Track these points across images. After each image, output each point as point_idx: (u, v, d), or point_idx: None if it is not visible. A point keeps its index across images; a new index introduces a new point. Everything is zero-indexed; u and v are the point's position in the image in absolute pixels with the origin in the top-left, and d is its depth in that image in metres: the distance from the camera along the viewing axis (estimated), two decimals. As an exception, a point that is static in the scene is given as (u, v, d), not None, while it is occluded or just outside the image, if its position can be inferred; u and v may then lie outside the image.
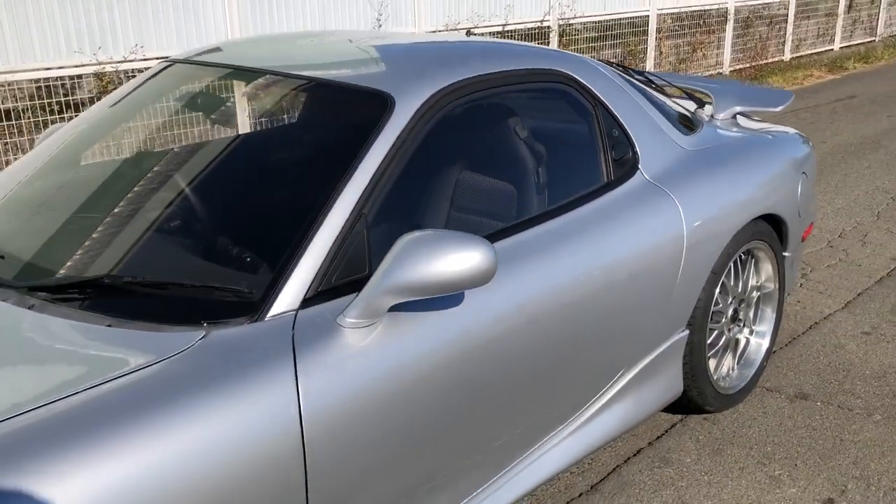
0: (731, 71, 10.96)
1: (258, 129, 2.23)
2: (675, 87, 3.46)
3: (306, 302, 1.73)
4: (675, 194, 2.54)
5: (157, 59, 6.00)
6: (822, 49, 13.02)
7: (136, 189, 2.14)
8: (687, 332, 2.67)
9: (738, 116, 3.38)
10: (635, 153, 2.58)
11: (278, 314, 1.69)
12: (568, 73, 2.49)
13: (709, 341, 2.82)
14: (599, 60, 2.85)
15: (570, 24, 8.91)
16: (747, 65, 11.17)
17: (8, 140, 5.50)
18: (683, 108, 3.14)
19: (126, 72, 5.83)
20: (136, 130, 2.55)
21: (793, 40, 12.27)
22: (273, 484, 1.56)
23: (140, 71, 5.92)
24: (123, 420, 1.43)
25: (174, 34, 6.12)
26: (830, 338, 3.55)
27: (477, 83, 2.21)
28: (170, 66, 2.56)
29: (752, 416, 2.97)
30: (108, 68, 5.72)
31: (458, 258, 1.70)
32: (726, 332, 2.96)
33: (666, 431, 2.88)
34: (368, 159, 1.90)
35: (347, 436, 1.67)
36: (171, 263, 1.88)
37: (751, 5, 11.48)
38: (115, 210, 2.06)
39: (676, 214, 2.51)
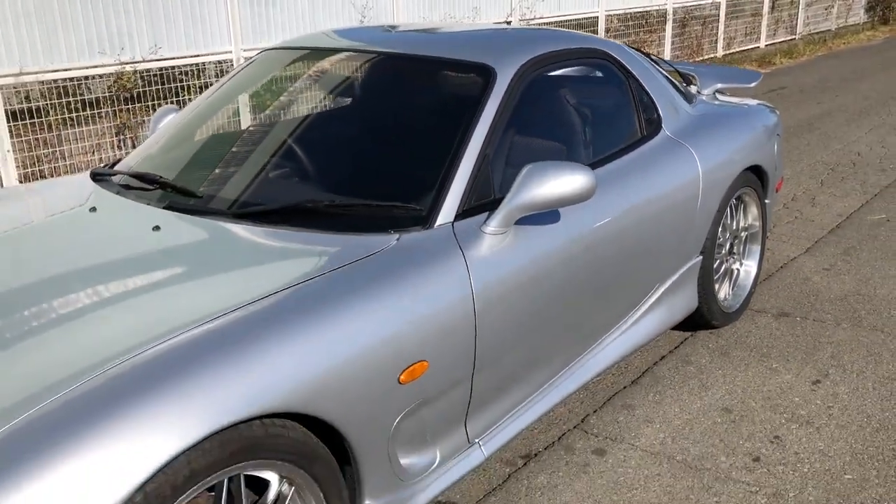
0: (672, 66, 11.85)
1: (390, 97, 2.81)
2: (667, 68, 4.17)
3: (457, 217, 2.34)
4: (691, 147, 3.24)
5: (173, 58, 6.49)
6: (751, 46, 14.10)
7: (311, 135, 2.73)
8: (700, 257, 3.36)
9: (716, 93, 4.10)
10: (659, 115, 3.27)
11: (441, 224, 2.30)
12: (607, 51, 3.17)
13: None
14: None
15: (529, 24, 9.63)
16: (685, 61, 12.10)
17: (38, 136, 5.91)
18: (679, 84, 3.85)
19: (141, 72, 6.29)
20: (278, 99, 3.12)
21: (724, 38, 13.28)
22: (452, 335, 2.16)
23: (159, 70, 6.39)
24: (359, 291, 2.01)
25: (183, 37, 6.59)
26: (798, 274, 4.31)
27: (547, 57, 2.86)
28: (279, 50, 3.15)
29: (747, 330, 3.69)
30: (128, 68, 6.17)
31: (568, 180, 2.34)
32: (725, 262, 3.66)
33: (682, 342, 3.57)
34: (485, 114, 2.53)
35: (497, 308, 2.29)
36: (358, 191, 2.46)
37: (687, 6, 12.43)
38: (297, 153, 2.64)
39: (694, 162, 3.20)
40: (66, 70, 5.87)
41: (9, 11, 5.54)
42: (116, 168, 2.96)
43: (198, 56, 6.74)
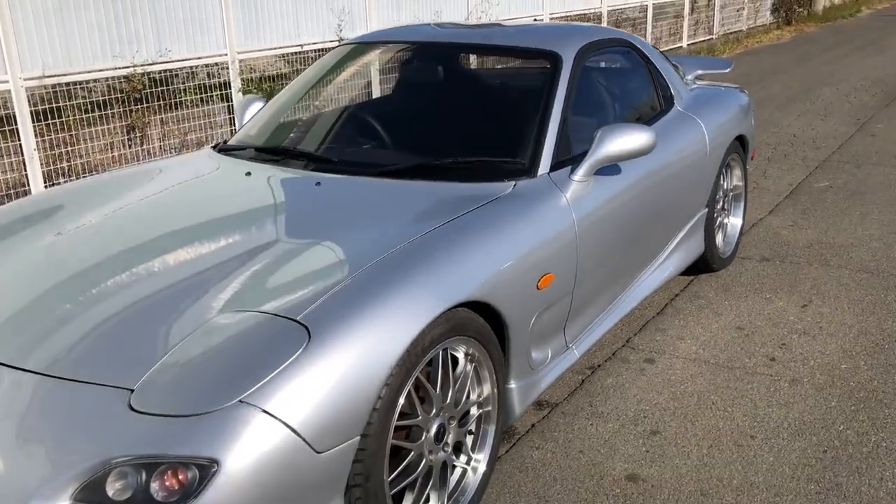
0: (610, 65, 12.77)
1: (483, 78, 3.40)
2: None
3: (551, 169, 2.98)
4: (698, 119, 3.96)
5: (178, 60, 6.91)
6: (674, 46, 15.18)
7: (427, 109, 3.33)
8: (706, 210, 4.10)
9: (696, 79, 4.86)
10: (671, 93, 3.99)
11: (541, 174, 2.94)
12: (630, 41, 3.87)
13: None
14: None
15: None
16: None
17: (56, 135, 6.26)
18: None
19: (142, 75, 6.69)
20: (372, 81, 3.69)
21: (652, 39, 14.31)
22: (566, 255, 2.81)
23: (159, 73, 6.81)
24: (502, 219, 2.63)
25: (185, 40, 7.03)
26: (769, 230, 5.11)
27: (593, 45, 3.53)
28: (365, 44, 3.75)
29: (739, 272, 4.45)
30: (138, 70, 6.58)
31: (636, 137, 3.00)
32: (719, 216, 4.41)
33: (689, 283, 4.30)
34: (559, 89, 3.18)
35: (588, 236, 2.93)
36: (474, 150, 3.07)
37: (618, 8, 13.39)
38: (418, 123, 3.23)
39: (701, 131, 3.92)
40: (80, 73, 6.25)
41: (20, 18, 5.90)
42: (233, 144, 3.49)
43: (199, 58, 7.18)
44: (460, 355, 2.44)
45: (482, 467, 2.54)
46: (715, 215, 4.29)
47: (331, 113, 3.57)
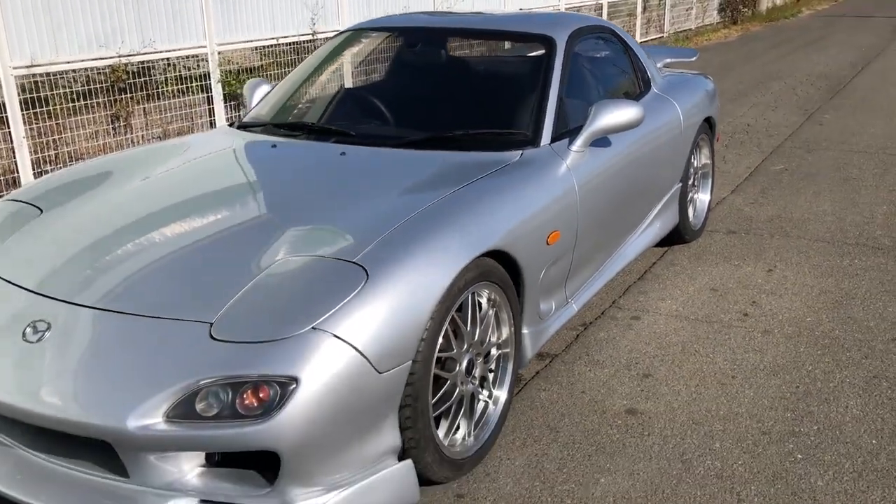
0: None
1: (486, 60, 3.70)
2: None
3: (552, 140, 3.30)
4: (672, 99, 4.33)
5: (162, 52, 7.08)
6: (629, 43, 15.69)
7: (437, 86, 3.62)
8: (680, 184, 4.47)
9: (664, 66, 5.24)
10: (648, 77, 4.35)
11: (543, 145, 3.25)
12: (612, 29, 4.22)
13: (684, 195, 4.64)
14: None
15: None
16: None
17: (43, 124, 6.39)
18: (646, 58, 4.96)
19: (133, 64, 6.85)
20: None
21: (608, 36, 14.78)
22: (569, 215, 3.13)
23: (140, 64, 6.97)
24: (515, 182, 2.94)
25: (166, 32, 7.20)
26: (732, 207, 5.52)
27: (581, 31, 3.86)
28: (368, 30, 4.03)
29: (708, 243, 4.83)
30: (123, 61, 6.74)
31: (626, 112, 3.34)
32: (689, 191, 4.79)
33: (664, 253, 4.67)
34: (555, 69, 3.50)
35: (586, 199, 3.25)
36: (483, 123, 3.37)
37: (575, 6, 13.82)
38: (430, 99, 3.52)
39: (677, 111, 4.29)
40: (67, 63, 6.39)
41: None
42: (249, 121, 3.74)
43: (179, 50, 7.36)
44: (483, 300, 2.74)
45: (502, 401, 2.84)
46: (687, 190, 4.66)
47: (341, 92, 3.84)
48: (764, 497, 2.54)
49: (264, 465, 2.22)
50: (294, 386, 2.09)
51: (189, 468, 2.22)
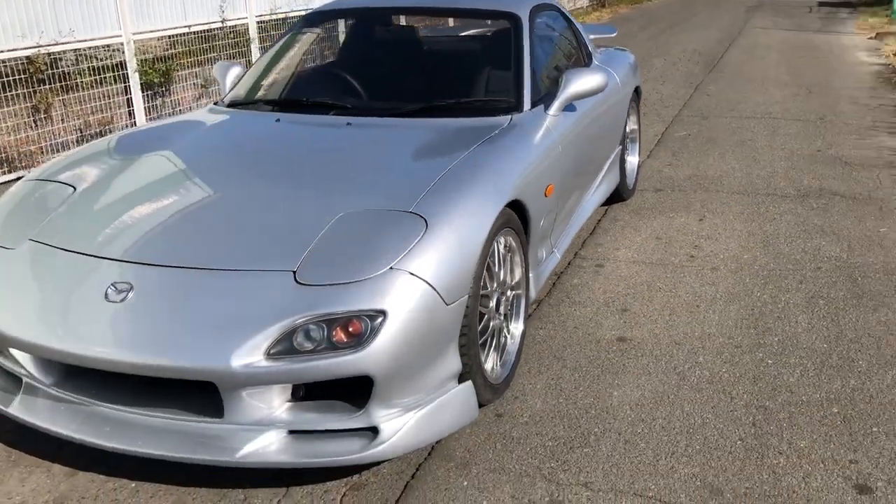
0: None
1: (462, 37, 3.99)
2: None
3: (532, 106, 3.68)
4: (611, 69, 4.80)
5: (78, 41, 6.97)
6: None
7: (418, 60, 3.90)
8: (620, 147, 4.96)
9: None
10: (589, 51, 4.80)
11: (526, 110, 3.63)
12: (558, 7, 4.63)
13: (620, 157, 5.14)
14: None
15: (351, 9, 10.88)
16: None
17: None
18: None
19: (52, 54, 6.74)
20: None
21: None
22: (556, 169, 3.51)
23: (58, 54, 6.87)
24: (515, 140, 3.29)
25: (80, 20, 7.10)
26: (652, 169, 6.10)
27: (536, 8, 4.25)
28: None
29: (642, 200, 5.36)
30: (42, 51, 6.62)
31: (594, 78, 3.75)
32: (625, 154, 5.30)
33: (607, 211, 5.16)
34: (525, 42, 3.88)
35: (564, 154, 3.63)
36: (474, 93, 3.70)
37: None
38: (416, 71, 3.81)
39: (616, 81, 4.76)
40: (-6, 53, 6.24)
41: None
42: (238, 100, 3.93)
43: (95, 40, 7.27)
44: (502, 247, 3.09)
45: (518, 334, 3.21)
46: (624, 153, 5.17)
47: (324, 69, 4.07)
48: (751, 394, 3.03)
49: (348, 395, 2.50)
50: (382, 318, 2.38)
51: (278, 404, 2.47)
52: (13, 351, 2.64)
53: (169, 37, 8.29)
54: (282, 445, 2.45)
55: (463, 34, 4.28)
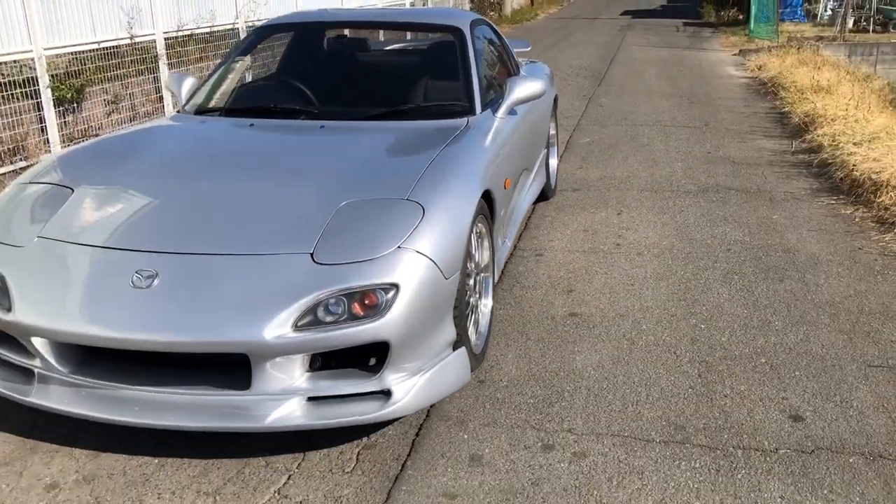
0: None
1: (411, 49, 4.29)
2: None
3: (482, 109, 4.07)
4: (538, 80, 5.27)
5: (-4, 56, 6.87)
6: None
7: (374, 69, 4.20)
8: (546, 150, 5.43)
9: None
10: (516, 62, 5.26)
11: (478, 114, 4.01)
12: (488, 22, 5.07)
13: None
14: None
15: (253, 25, 11.01)
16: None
17: None
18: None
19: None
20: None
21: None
22: (508, 165, 3.91)
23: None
24: (477, 140, 3.67)
25: (-8, 37, 7.01)
26: (566, 172, 6.62)
27: (473, 22, 4.66)
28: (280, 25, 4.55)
29: (563, 199, 5.85)
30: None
31: (534, 85, 4.18)
32: (547, 157, 5.78)
33: (535, 209, 5.60)
34: (470, 52, 4.27)
35: (510, 150, 4.03)
36: (430, 97, 4.04)
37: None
38: (372, 79, 4.12)
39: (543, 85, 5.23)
40: None
41: None
42: (206, 108, 4.14)
43: (7, 55, 7.17)
44: (475, 233, 3.46)
45: (487, 312, 3.57)
46: (548, 156, 5.64)
47: (284, 79, 4.32)
48: (692, 352, 3.51)
49: (359, 363, 2.79)
50: (395, 291, 2.70)
51: (298, 374, 2.73)
52: (35, 341, 2.79)
53: (75, 53, 8.23)
54: (304, 411, 2.71)
55: (411, 46, 4.63)
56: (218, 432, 2.78)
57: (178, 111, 4.20)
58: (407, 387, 2.79)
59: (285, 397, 2.71)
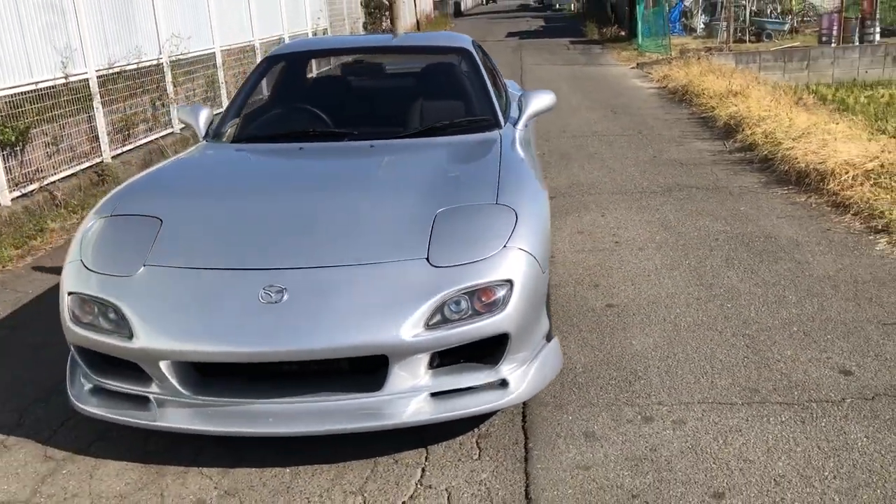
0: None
1: (427, 69, 4.52)
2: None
3: (504, 122, 4.35)
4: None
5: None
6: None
7: (401, 89, 4.41)
8: (532, 160, 5.75)
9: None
10: (503, 80, 5.57)
11: (502, 128, 4.29)
12: (480, 45, 5.37)
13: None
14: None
15: (178, 60, 10.92)
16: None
17: None
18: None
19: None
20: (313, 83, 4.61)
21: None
22: (535, 165, 4.21)
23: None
24: (517, 149, 3.95)
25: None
26: (534, 181, 6.97)
27: (473, 43, 4.95)
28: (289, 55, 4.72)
29: (545, 206, 6.19)
30: None
31: (548, 97, 4.50)
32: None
33: (523, 216, 5.91)
34: (482, 71, 4.56)
35: (530, 153, 4.33)
36: (462, 115, 4.28)
37: (270, 41, 14.65)
38: (405, 100, 4.32)
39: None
40: None
41: None
42: (240, 135, 4.25)
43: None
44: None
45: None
46: (530, 165, 5.97)
47: (314, 104, 4.44)
48: (731, 328, 3.88)
49: (477, 358, 3.00)
50: (510, 286, 2.93)
51: (422, 373, 2.91)
52: (162, 365, 2.85)
53: (13, 95, 7.99)
54: (431, 406, 2.89)
55: (420, 68, 4.88)
56: (343, 435, 2.92)
57: (203, 140, 4.27)
58: (520, 376, 3.01)
59: (413, 395, 2.88)
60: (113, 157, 9.07)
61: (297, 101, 4.46)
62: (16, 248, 6.01)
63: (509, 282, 2.93)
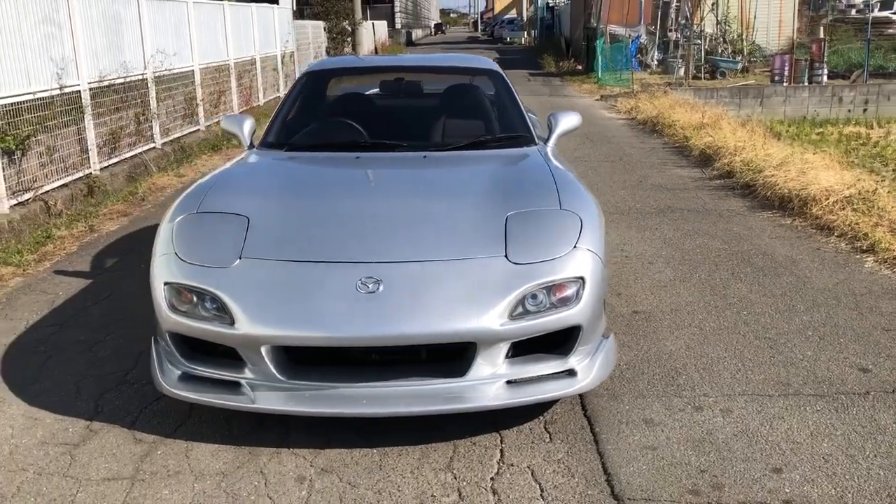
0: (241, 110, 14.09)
1: (461, 87, 4.82)
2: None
3: (540, 142, 4.66)
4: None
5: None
6: (276, 95, 17.00)
7: (436, 105, 4.69)
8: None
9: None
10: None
11: (538, 144, 4.59)
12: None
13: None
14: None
15: (161, 75, 11.02)
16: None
17: None
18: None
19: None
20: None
21: (262, 85, 15.92)
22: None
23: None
24: (562, 170, 4.24)
25: (-55, 87, 6.77)
26: (532, 201, 7.31)
27: (498, 64, 5.28)
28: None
29: (549, 223, 6.52)
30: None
31: (574, 118, 4.83)
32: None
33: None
34: (512, 90, 4.88)
35: (564, 164, 4.68)
36: (501, 130, 4.57)
37: (243, 61, 14.80)
38: (441, 114, 4.60)
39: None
40: None
41: None
42: (295, 144, 4.48)
43: (-41, 105, 6.94)
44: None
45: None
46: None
47: (365, 116, 4.67)
48: (754, 332, 4.23)
49: (546, 350, 3.26)
50: (582, 283, 3.21)
51: (500, 362, 3.17)
52: (263, 350, 3.05)
53: (13, 104, 8.01)
54: (508, 392, 3.15)
55: (454, 86, 5.19)
56: (421, 421, 3.16)
57: (252, 147, 4.47)
58: (586, 366, 3.29)
59: (492, 381, 3.13)
60: (101, 170, 9.10)
61: (340, 115, 4.69)
62: (31, 253, 6.05)
63: (581, 279, 3.21)
